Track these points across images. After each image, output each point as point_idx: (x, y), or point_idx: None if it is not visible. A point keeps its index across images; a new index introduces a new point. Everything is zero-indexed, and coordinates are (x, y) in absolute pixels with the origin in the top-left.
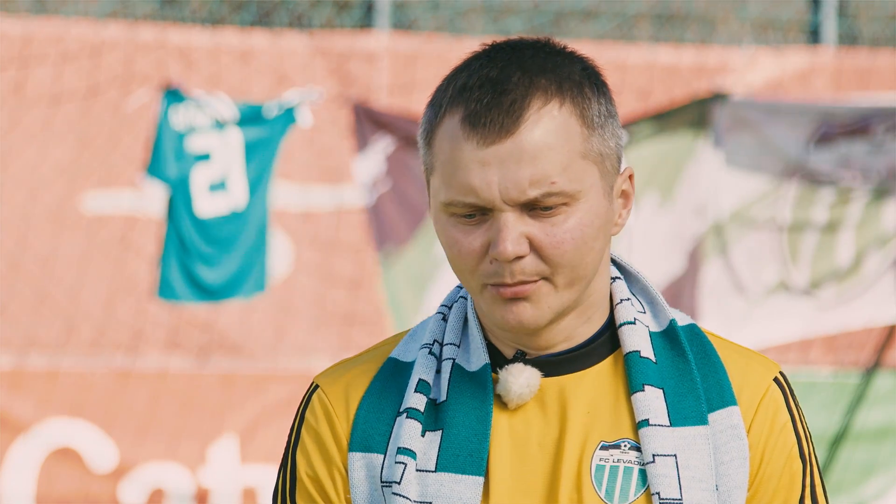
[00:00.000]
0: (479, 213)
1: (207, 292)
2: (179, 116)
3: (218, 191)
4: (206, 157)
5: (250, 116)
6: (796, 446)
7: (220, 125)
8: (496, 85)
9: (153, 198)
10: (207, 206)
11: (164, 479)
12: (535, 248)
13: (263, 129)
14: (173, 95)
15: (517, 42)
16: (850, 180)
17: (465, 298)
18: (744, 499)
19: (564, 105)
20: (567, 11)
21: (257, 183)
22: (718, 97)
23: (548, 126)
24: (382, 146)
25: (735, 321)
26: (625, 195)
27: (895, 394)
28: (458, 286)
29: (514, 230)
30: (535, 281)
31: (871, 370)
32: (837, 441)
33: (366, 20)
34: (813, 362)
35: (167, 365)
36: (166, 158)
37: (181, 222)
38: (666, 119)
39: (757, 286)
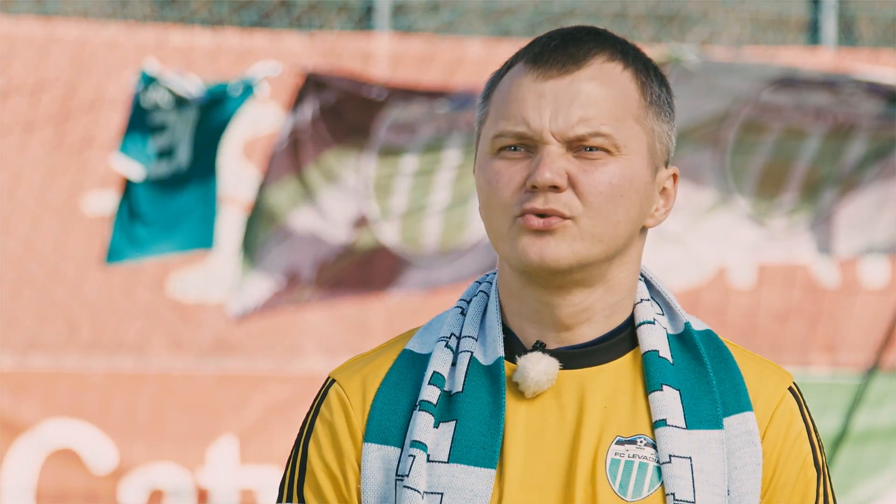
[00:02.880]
0: (525, 149)
1: (144, 247)
2: (149, 96)
3: (165, 158)
4: (162, 128)
5: (217, 95)
6: (811, 455)
7: (183, 103)
8: (566, 36)
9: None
10: (154, 170)
11: (163, 480)
12: (572, 184)
13: (224, 104)
14: (149, 79)
15: (592, 26)
16: (802, 120)
17: (486, 293)
18: None
19: (627, 70)
20: (567, 12)
21: (205, 145)
22: (674, 61)
23: (608, 78)
24: (319, 101)
25: (668, 240)
26: (665, 194)
27: (893, 395)
28: (476, 281)
29: (556, 162)
30: (565, 218)
31: (869, 371)
32: (836, 443)
33: (365, 22)
34: (812, 363)
35: (167, 366)
36: (136, 138)
37: (133, 191)
38: None
39: (692, 205)
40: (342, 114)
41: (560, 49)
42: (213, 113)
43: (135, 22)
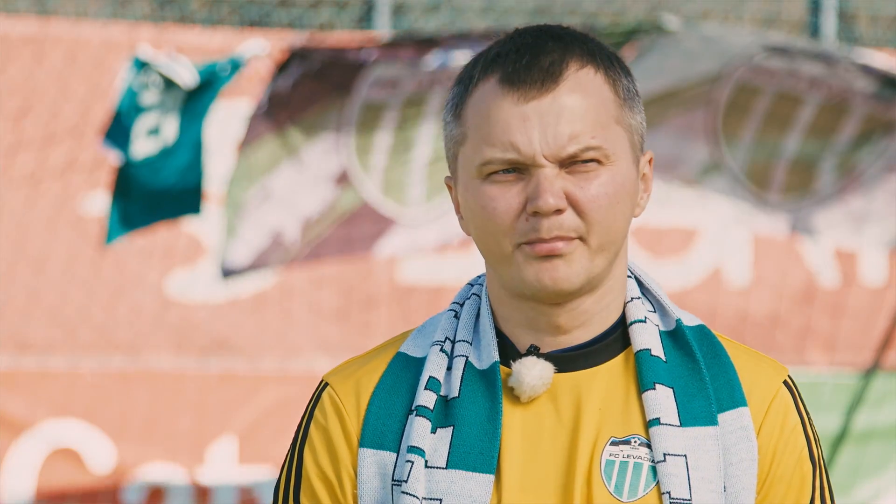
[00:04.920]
0: (516, 172)
1: (136, 223)
2: (140, 80)
3: (152, 136)
4: (150, 108)
5: (206, 76)
6: (806, 448)
7: (171, 84)
8: (532, 48)
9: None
10: (141, 147)
11: (163, 479)
12: (571, 203)
13: (212, 83)
14: (140, 64)
15: (545, 24)
16: (797, 87)
17: (478, 296)
18: (752, 500)
19: (599, 72)
20: (567, 12)
21: (191, 119)
22: (657, 29)
23: (585, 87)
24: (302, 68)
25: (659, 202)
26: (645, 179)
27: (893, 395)
28: (468, 284)
29: (554, 184)
30: (571, 239)
31: (870, 371)
32: (836, 442)
33: (365, 21)
34: (811, 363)
35: (166, 365)
36: (123, 120)
37: (123, 171)
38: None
39: (686, 166)
40: (326, 76)
41: (534, 65)
42: (200, 91)
43: (134, 21)
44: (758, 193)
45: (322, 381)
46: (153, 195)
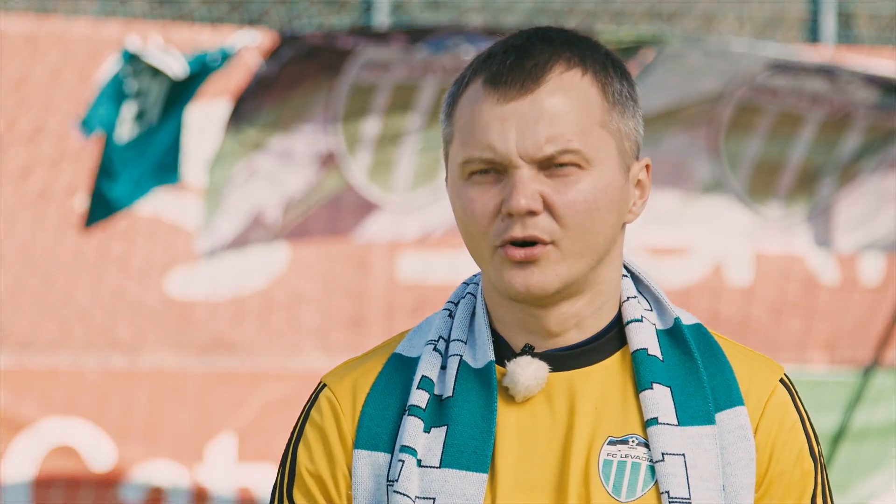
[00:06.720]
0: (495, 172)
1: (119, 204)
2: (127, 69)
3: (137, 120)
4: (137, 95)
5: (197, 67)
6: (806, 445)
7: (158, 73)
8: (520, 50)
9: (153, 196)
10: (126, 131)
11: (162, 478)
12: (548, 206)
13: (202, 74)
14: (128, 56)
15: (544, 26)
16: (798, 105)
17: (473, 295)
18: (751, 499)
19: (587, 75)
20: (567, 10)
21: (175, 104)
22: (654, 43)
23: (568, 90)
24: (291, 52)
25: (659, 220)
26: (641, 185)
27: (893, 393)
28: (464, 283)
29: (529, 186)
30: (546, 244)
31: (869, 369)
32: (834, 440)
33: (364, 20)
34: (809, 360)
35: (166, 364)
36: (106, 106)
37: (106, 153)
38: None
39: (686, 185)
40: (315, 58)
41: (517, 67)
42: (187, 80)
43: (133, 19)
44: (757, 208)
45: (320, 382)
46: (135, 176)
